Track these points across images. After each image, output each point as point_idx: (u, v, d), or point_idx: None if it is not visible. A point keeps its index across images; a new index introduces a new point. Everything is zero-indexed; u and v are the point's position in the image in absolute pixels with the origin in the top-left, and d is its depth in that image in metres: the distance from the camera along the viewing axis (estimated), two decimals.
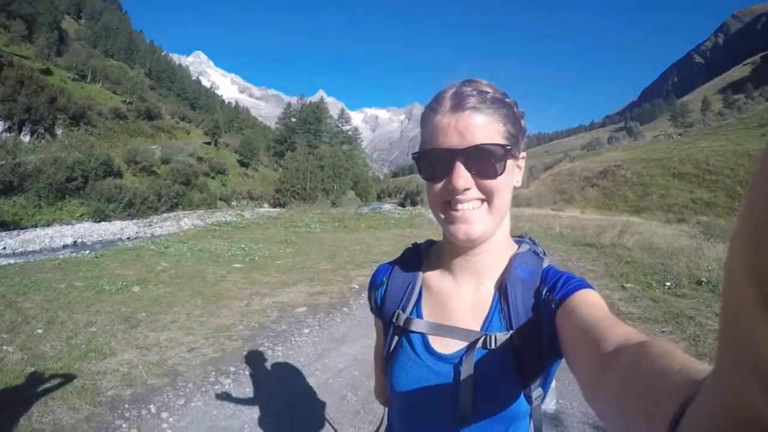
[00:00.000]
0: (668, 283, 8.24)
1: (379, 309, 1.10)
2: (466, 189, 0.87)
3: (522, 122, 0.95)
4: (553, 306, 0.87)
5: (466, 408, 0.89)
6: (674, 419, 0.36)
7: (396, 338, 1.02)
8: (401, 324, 1.01)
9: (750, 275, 0.22)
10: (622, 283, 8.47)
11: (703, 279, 8.25)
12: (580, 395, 3.90)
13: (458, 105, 0.87)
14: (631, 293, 7.77)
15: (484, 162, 0.87)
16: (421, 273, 1.06)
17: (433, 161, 0.90)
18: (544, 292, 0.91)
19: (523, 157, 0.98)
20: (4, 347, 4.93)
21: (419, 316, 1.01)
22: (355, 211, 32.86)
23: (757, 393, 0.23)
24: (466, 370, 0.89)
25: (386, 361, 1.04)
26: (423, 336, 0.98)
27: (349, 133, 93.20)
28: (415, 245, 1.15)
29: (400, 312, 1.02)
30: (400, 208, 43.43)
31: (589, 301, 0.82)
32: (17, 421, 3.52)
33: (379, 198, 77.58)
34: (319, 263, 10.91)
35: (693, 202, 40.35)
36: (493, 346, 0.90)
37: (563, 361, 0.84)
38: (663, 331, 5.83)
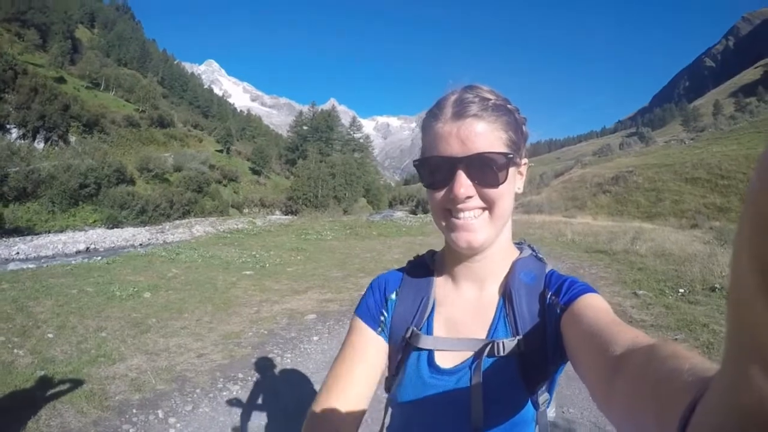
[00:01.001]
0: (681, 290, 8.14)
1: (391, 322, 1.04)
2: (468, 197, 0.86)
3: (524, 128, 0.94)
4: (558, 310, 0.87)
5: (477, 418, 0.88)
6: (684, 416, 0.36)
7: (404, 354, 0.99)
8: (410, 340, 0.98)
9: (753, 265, 0.22)
10: (634, 290, 8.39)
11: (717, 285, 8.14)
12: (589, 404, 3.86)
13: (460, 112, 0.86)
14: (644, 300, 7.69)
15: (486, 170, 0.86)
16: (433, 287, 1.03)
17: (435, 169, 0.90)
18: (548, 297, 0.91)
19: (524, 164, 0.97)
20: (15, 351, 4.98)
21: (430, 330, 0.98)
22: (367, 218, 32.92)
23: (763, 382, 0.23)
24: (475, 379, 0.88)
25: (392, 377, 1.02)
26: (430, 352, 0.96)
27: (361, 140, 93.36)
28: (419, 257, 1.12)
29: (414, 328, 0.98)
30: (411, 215, 43.32)
31: (595, 305, 0.82)
32: (25, 424, 3.56)
33: (390, 206, 77.52)
34: (330, 271, 10.93)
35: (706, 208, 39.84)
36: (501, 353, 0.89)
37: (572, 369, 0.83)
38: (676, 339, 5.75)
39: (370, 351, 1.01)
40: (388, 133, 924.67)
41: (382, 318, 1.04)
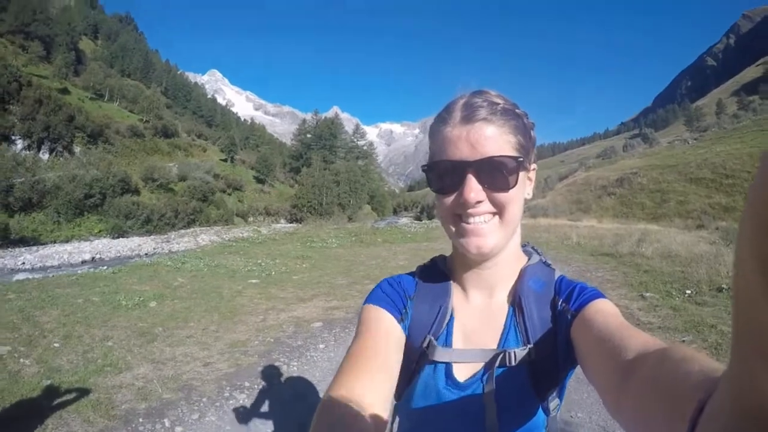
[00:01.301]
0: (688, 291, 8.09)
1: (410, 324, 0.99)
2: (478, 202, 0.85)
3: (532, 133, 0.93)
4: (569, 317, 0.87)
5: (492, 426, 0.87)
6: (693, 417, 0.36)
7: (418, 364, 0.95)
8: (427, 350, 0.94)
9: (756, 266, 0.22)
10: (641, 293, 8.34)
11: (724, 286, 8.09)
12: (598, 408, 3.84)
13: (469, 116, 0.85)
14: (651, 302, 7.64)
15: (496, 174, 0.85)
16: (451, 295, 0.99)
17: (444, 173, 0.88)
18: (559, 304, 0.90)
19: (533, 169, 0.96)
20: (22, 360, 4.98)
21: (449, 340, 0.95)
22: (372, 225, 32.93)
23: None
24: (488, 389, 0.87)
25: (406, 385, 0.97)
26: (448, 365, 0.93)
27: (364, 147, 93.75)
28: (431, 262, 1.08)
29: (432, 338, 0.94)
30: (416, 221, 43.33)
31: (605, 311, 0.82)
32: None
33: (395, 212, 77.74)
34: (335, 278, 10.93)
35: (711, 208, 39.62)
36: (512, 363, 0.89)
37: (581, 373, 0.83)
38: (683, 341, 5.71)
39: (394, 338, 0.91)
40: (392, 139, 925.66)
41: (405, 311, 0.97)
